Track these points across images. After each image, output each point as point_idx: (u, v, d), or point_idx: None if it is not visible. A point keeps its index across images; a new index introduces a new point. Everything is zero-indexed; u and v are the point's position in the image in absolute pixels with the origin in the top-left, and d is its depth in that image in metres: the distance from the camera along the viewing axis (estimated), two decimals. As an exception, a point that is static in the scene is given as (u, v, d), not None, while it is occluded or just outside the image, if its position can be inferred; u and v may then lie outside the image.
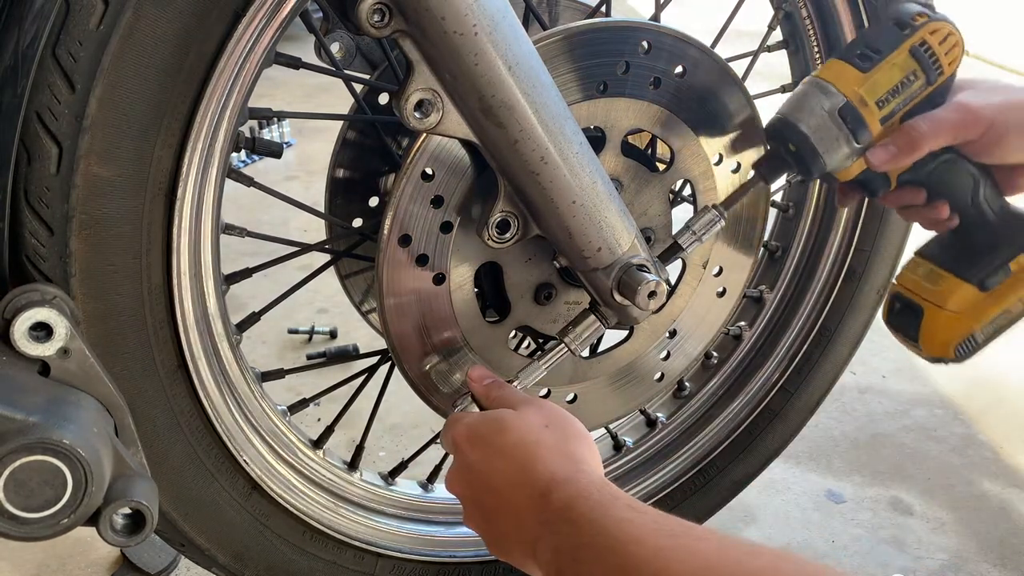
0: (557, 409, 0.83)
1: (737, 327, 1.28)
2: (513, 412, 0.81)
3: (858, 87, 0.88)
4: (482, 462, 0.79)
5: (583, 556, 0.66)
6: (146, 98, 0.74)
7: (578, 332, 0.92)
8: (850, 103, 0.88)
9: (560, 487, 0.71)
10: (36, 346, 0.69)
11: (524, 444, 0.77)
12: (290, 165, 2.80)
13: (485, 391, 0.88)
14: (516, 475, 0.75)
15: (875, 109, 0.89)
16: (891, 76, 0.88)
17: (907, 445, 1.69)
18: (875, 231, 1.22)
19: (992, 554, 1.44)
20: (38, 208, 0.72)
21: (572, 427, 0.80)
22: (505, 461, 0.77)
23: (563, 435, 0.78)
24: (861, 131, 0.89)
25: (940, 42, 0.89)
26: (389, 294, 0.91)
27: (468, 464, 0.80)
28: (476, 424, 0.81)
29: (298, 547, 1.01)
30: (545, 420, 0.80)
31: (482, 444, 0.79)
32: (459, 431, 0.82)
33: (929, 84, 0.90)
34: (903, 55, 0.89)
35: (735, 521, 1.47)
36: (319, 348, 1.90)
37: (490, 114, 0.78)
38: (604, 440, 1.27)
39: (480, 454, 0.79)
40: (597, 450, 0.81)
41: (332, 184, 1.10)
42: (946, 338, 1.00)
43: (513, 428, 0.78)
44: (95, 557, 1.33)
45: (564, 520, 0.69)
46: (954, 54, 0.89)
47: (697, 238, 0.94)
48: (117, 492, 0.69)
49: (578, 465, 0.74)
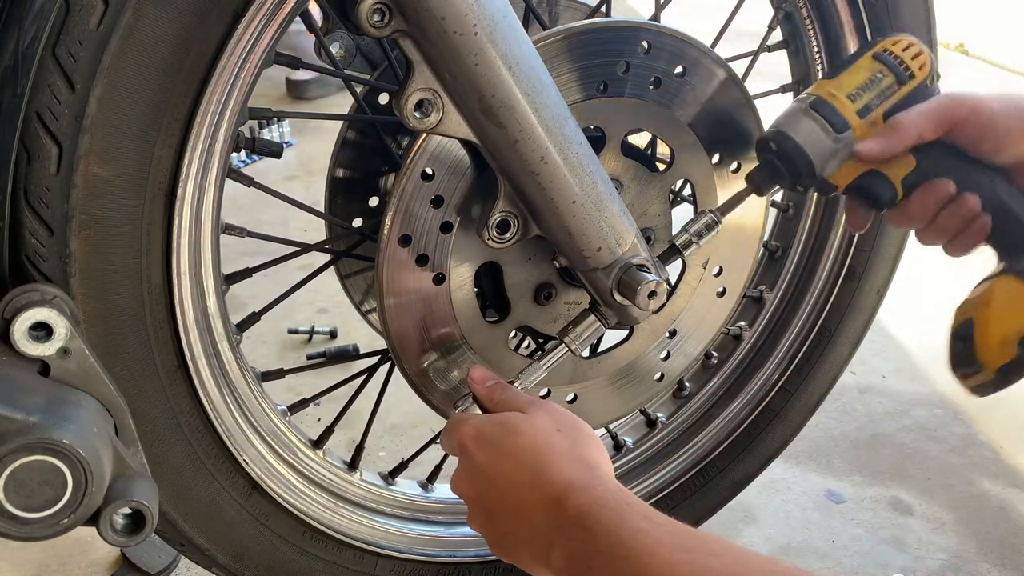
0: (566, 412, 0.82)
1: (737, 327, 1.28)
2: (522, 415, 0.80)
3: (827, 87, 0.94)
4: (491, 464, 0.78)
5: (597, 563, 0.66)
6: (146, 98, 0.74)
7: (578, 332, 0.92)
8: (820, 97, 0.93)
9: (577, 493, 0.71)
10: (36, 346, 0.69)
11: (536, 447, 0.76)
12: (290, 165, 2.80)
13: (488, 393, 0.87)
14: (529, 478, 0.75)
15: (846, 101, 0.92)
16: (858, 76, 0.94)
17: (907, 445, 1.69)
18: (875, 231, 1.22)
19: (992, 554, 1.44)
20: (38, 208, 0.72)
21: (583, 431, 0.80)
22: (516, 464, 0.76)
23: (575, 439, 0.78)
24: (836, 119, 0.92)
25: (903, 50, 0.94)
26: (389, 294, 0.91)
27: (475, 465, 0.79)
28: (485, 426, 0.81)
29: (298, 547, 1.01)
30: (556, 424, 0.79)
31: (491, 446, 0.79)
32: (466, 432, 0.81)
33: (900, 83, 0.93)
34: (867, 60, 0.95)
35: (735, 521, 1.47)
36: (319, 348, 1.90)
37: (490, 114, 0.78)
38: (604, 440, 1.27)
39: (489, 456, 0.78)
40: (607, 453, 0.81)
41: (332, 184, 1.10)
42: (1003, 334, 0.94)
43: (524, 431, 0.78)
44: (95, 557, 1.33)
45: (580, 527, 0.69)
46: (920, 60, 0.94)
47: (695, 242, 0.95)
48: (117, 492, 0.69)
49: (593, 471, 0.74)
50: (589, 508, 0.69)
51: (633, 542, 0.65)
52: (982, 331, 0.96)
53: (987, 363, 0.96)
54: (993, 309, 0.95)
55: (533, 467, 0.75)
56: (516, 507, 0.75)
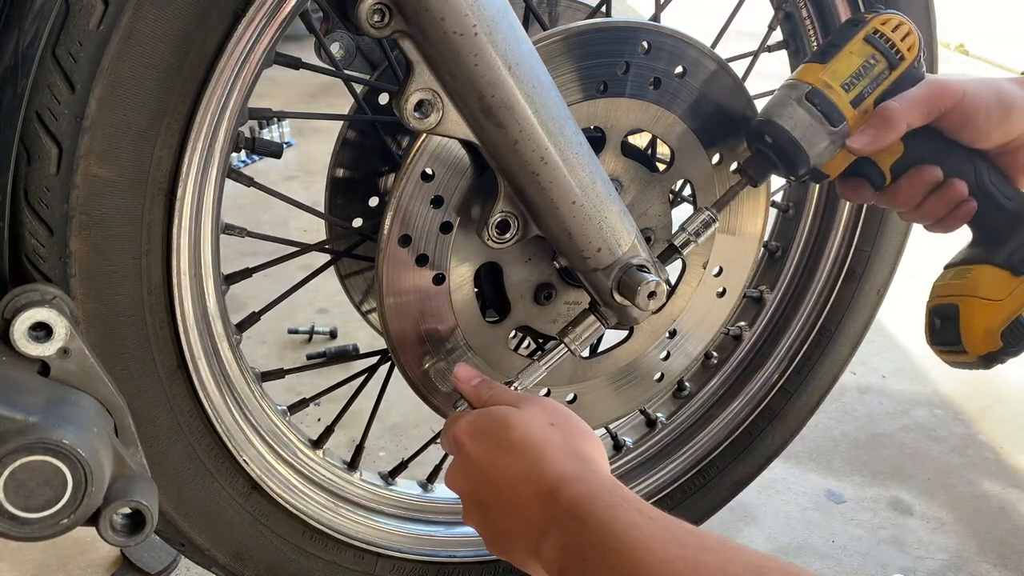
0: (559, 406, 0.82)
1: (737, 327, 1.28)
2: (515, 409, 0.80)
3: (821, 75, 0.93)
4: (485, 458, 0.78)
5: (590, 555, 0.66)
6: (146, 98, 0.74)
7: (578, 332, 0.92)
8: (815, 88, 0.92)
9: (570, 485, 0.71)
10: (36, 346, 0.69)
11: (530, 441, 0.76)
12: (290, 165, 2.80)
13: (475, 392, 0.87)
14: (523, 472, 0.74)
15: (841, 92, 0.92)
16: (851, 62, 0.93)
17: (907, 445, 1.69)
18: (875, 231, 1.22)
19: (992, 554, 1.44)
20: (38, 208, 0.72)
21: (577, 425, 0.80)
22: (511, 458, 0.76)
23: (569, 433, 0.78)
24: (832, 112, 0.91)
25: (892, 30, 0.93)
26: (389, 294, 0.91)
27: (470, 460, 0.79)
28: (479, 420, 0.81)
29: (298, 547, 1.01)
30: (550, 418, 0.79)
31: (486, 440, 0.78)
32: (461, 427, 0.81)
33: (892, 68, 0.93)
34: (859, 44, 0.93)
35: (735, 521, 1.47)
36: (319, 348, 1.90)
37: (490, 114, 0.78)
38: (604, 440, 1.27)
39: (483, 450, 0.78)
40: (603, 448, 0.80)
41: (332, 184, 1.10)
42: (987, 324, 0.97)
43: (518, 425, 0.77)
44: (95, 557, 1.33)
45: (573, 518, 0.69)
46: (910, 41, 0.93)
47: (693, 240, 0.95)
48: (117, 492, 0.69)
49: (587, 464, 0.74)
50: (583, 500, 0.69)
51: (627, 536, 0.65)
52: (967, 320, 0.99)
53: (971, 349, 0.99)
54: (978, 300, 0.98)
55: (527, 460, 0.75)
56: (510, 501, 0.75)
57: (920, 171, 0.95)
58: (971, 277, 0.99)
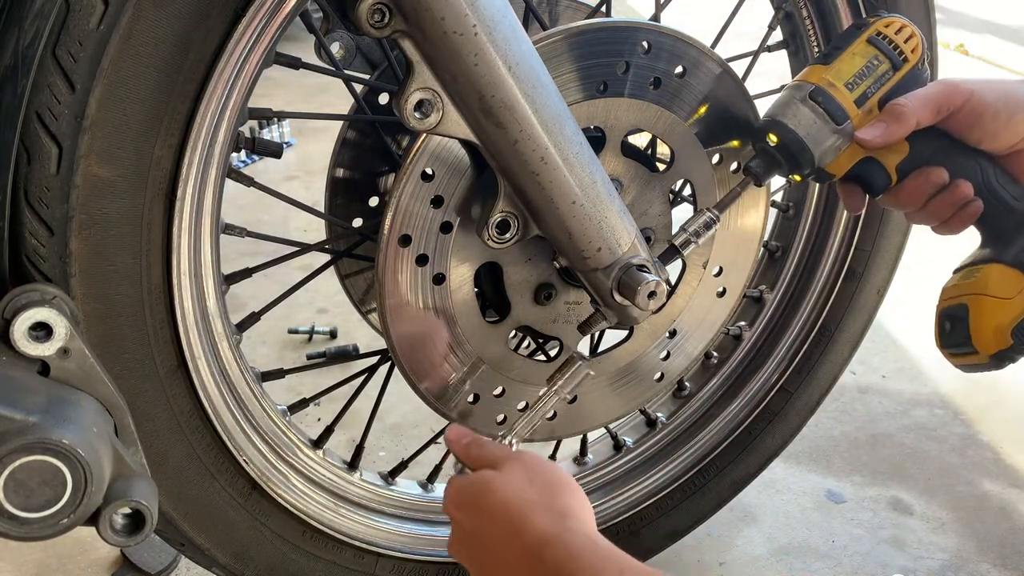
0: (540, 461, 0.84)
1: (737, 327, 1.29)
2: (495, 472, 0.82)
3: (824, 75, 0.93)
4: (472, 524, 0.81)
5: None
6: (146, 98, 0.74)
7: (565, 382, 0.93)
8: (819, 87, 0.93)
9: (551, 547, 0.73)
10: (36, 346, 0.69)
11: (507, 504, 0.78)
12: (290, 165, 2.80)
13: (464, 451, 0.89)
14: (507, 535, 0.77)
15: (845, 91, 0.92)
16: (854, 63, 0.93)
17: (907, 445, 1.69)
18: (875, 231, 1.22)
19: (992, 554, 1.44)
20: (38, 208, 0.73)
21: (556, 478, 0.82)
22: (495, 524, 0.78)
23: (549, 489, 0.80)
24: (836, 111, 0.92)
25: (895, 32, 0.94)
26: (389, 294, 0.91)
27: (462, 528, 0.82)
28: (463, 489, 0.83)
29: (298, 547, 1.01)
30: (528, 476, 0.81)
31: (471, 508, 0.81)
32: (450, 496, 0.84)
33: (895, 69, 0.93)
34: (862, 45, 0.94)
35: (735, 521, 1.47)
36: (319, 348, 1.90)
37: (490, 114, 0.78)
38: (604, 440, 1.27)
39: (469, 517, 0.81)
40: (584, 496, 0.82)
41: (332, 184, 1.10)
42: (998, 322, 0.96)
43: (497, 489, 0.80)
44: (95, 557, 1.33)
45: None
46: (913, 43, 0.94)
47: (694, 240, 0.95)
48: (117, 492, 0.69)
49: (566, 521, 0.76)
50: (564, 564, 0.72)
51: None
52: (977, 318, 0.98)
53: (982, 348, 0.98)
54: (988, 298, 0.97)
55: (509, 524, 0.77)
56: (502, 563, 0.78)
57: (926, 172, 0.95)
58: (980, 276, 0.98)
